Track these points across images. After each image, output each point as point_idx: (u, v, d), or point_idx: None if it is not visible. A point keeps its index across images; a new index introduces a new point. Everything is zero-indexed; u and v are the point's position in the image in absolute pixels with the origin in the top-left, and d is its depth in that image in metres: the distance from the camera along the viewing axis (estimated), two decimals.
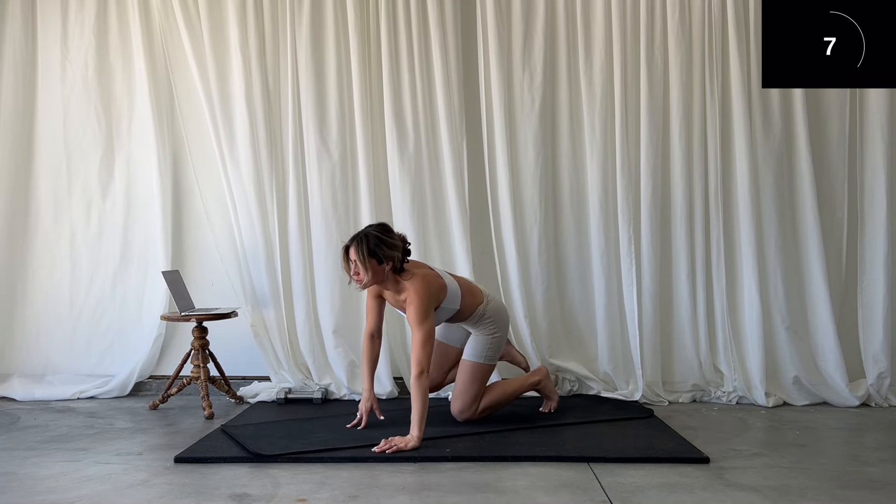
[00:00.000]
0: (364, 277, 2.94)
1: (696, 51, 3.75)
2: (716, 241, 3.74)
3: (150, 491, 2.41)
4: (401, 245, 2.99)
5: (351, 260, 2.95)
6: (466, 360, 3.19)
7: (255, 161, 3.81)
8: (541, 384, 3.41)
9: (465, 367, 3.19)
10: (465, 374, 3.18)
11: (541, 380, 3.40)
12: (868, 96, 3.75)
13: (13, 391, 3.86)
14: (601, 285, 3.78)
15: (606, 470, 2.60)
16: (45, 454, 2.86)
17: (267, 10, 3.83)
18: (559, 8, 3.81)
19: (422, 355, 2.86)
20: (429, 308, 2.94)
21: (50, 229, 3.99)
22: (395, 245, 2.96)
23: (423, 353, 2.87)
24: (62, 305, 3.99)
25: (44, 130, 3.99)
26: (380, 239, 2.93)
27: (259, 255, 3.82)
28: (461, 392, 3.18)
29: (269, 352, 3.83)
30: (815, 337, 3.74)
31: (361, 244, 2.92)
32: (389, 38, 3.77)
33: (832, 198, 3.82)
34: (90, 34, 3.92)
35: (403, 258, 3.00)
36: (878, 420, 3.40)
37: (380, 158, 3.86)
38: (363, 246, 2.92)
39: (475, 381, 3.17)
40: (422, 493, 2.37)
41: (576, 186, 3.86)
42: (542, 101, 3.80)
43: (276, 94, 3.87)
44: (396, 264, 2.96)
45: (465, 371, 3.18)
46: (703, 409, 3.59)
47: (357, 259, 2.91)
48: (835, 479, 2.51)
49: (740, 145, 3.70)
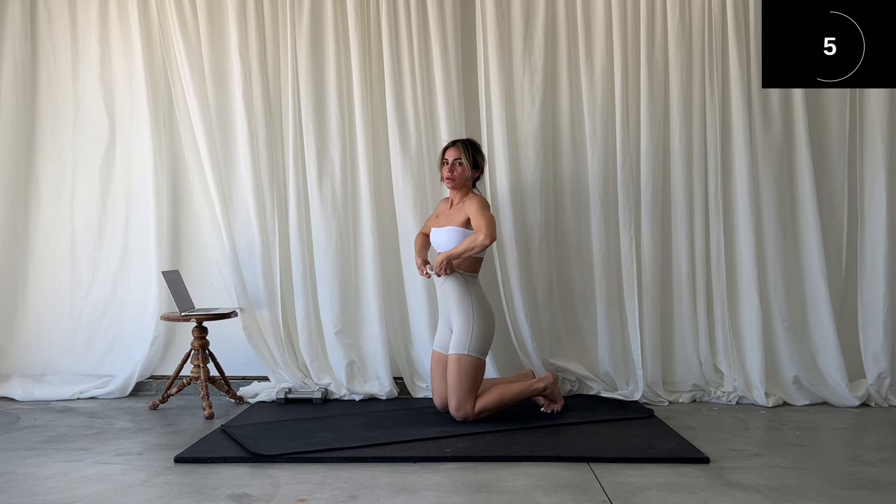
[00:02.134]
0: (463, 172, 3.31)
1: (696, 51, 3.76)
2: (716, 241, 3.74)
3: (150, 491, 2.41)
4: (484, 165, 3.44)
5: (452, 160, 3.33)
6: (451, 355, 3.17)
7: (255, 161, 3.81)
8: (547, 391, 3.37)
9: (451, 361, 3.17)
10: (452, 368, 3.15)
11: (546, 386, 3.36)
12: (868, 96, 3.75)
13: (13, 391, 3.86)
14: (601, 285, 3.78)
15: (606, 470, 2.60)
16: (45, 454, 2.86)
17: (267, 11, 3.84)
18: (559, 8, 3.81)
19: (489, 231, 3.14)
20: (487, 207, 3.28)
21: (50, 229, 3.99)
22: (484, 159, 3.44)
23: (489, 230, 3.15)
24: (62, 305, 3.99)
25: (44, 131, 3.99)
26: (478, 148, 3.42)
27: (256, 256, 3.82)
28: (453, 388, 3.15)
29: (265, 352, 3.83)
30: (815, 337, 3.74)
31: (468, 146, 3.36)
32: (390, 39, 3.77)
33: (832, 198, 3.82)
34: (90, 34, 3.92)
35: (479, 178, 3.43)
36: (878, 420, 3.40)
37: (380, 158, 3.86)
38: (469, 147, 3.36)
39: (463, 374, 3.13)
40: (422, 493, 2.37)
41: (576, 186, 3.86)
42: (543, 101, 3.80)
43: (276, 95, 3.88)
44: (479, 176, 3.42)
45: (452, 365, 3.16)
46: (703, 409, 3.59)
47: (463, 156, 3.32)
48: (835, 479, 2.51)
49: (740, 145, 3.70)
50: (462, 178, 3.33)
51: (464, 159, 3.31)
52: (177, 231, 4.05)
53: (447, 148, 3.38)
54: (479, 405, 3.17)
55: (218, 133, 3.83)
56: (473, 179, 3.39)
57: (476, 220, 3.21)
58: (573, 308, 3.89)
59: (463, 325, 3.19)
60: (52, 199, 3.99)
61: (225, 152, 3.85)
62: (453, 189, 3.37)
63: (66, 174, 3.98)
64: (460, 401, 3.15)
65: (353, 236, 3.82)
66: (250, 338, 3.81)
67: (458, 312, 3.22)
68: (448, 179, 3.34)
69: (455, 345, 3.17)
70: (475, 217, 3.22)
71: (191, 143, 3.86)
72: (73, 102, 3.96)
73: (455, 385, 3.15)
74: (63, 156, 3.98)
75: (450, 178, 3.33)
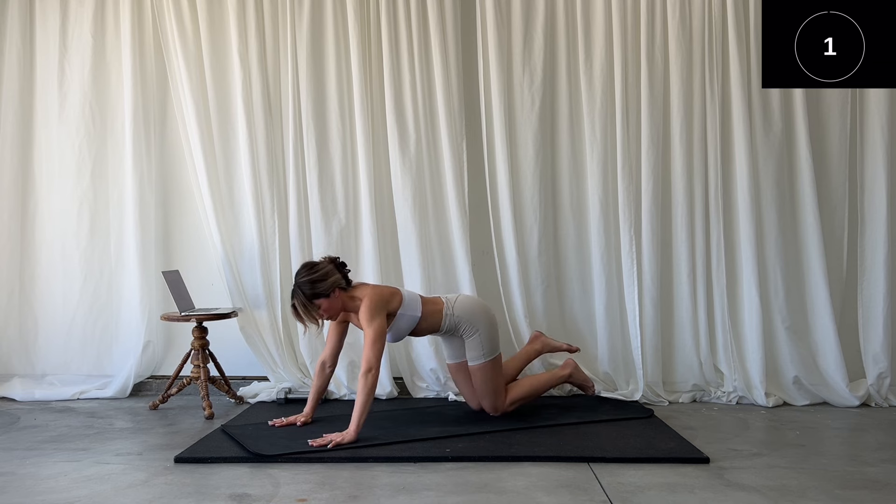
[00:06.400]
0: (325, 314, 3.03)
1: (696, 51, 3.75)
2: (716, 241, 3.74)
3: (150, 491, 2.41)
4: (332, 267, 3.06)
5: (302, 315, 3.02)
6: (472, 365, 3.25)
7: (254, 161, 3.81)
8: (572, 377, 3.48)
9: (473, 371, 3.26)
10: (477, 377, 3.25)
11: (571, 373, 3.48)
12: (868, 96, 3.74)
13: (13, 391, 3.86)
14: (601, 285, 3.78)
15: (606, 470, 2.60)
16: (45, 454, 2.85)
17: (267, 11, 3.84)
18: (559, 8, 3.81)
19: (371, 354, 2.92)
20: (377, 308, 3.01)
21: (49, 230, 3.99)
22: (327, 273, 3.02)
23: (371, 351, 2.92)
24: (62, 306, 3.98)
25: (42, 131, 3.98)
26: (311, 281, 3.00)
27: (255, 256, 3.82)
28: (485, 393, 3.25)
29: (264, 352, 3.83)
30: (815, 337, 3.74)
31: (299, 296, 3.00)
32: (390, 39, 3.77)
33: (832, 198, 3.82)
34: (87, 34, 3.91)
35: (344, 274, 3.09)
36: (878, 420, 3.40)
37: (380, 159, 3.86)
38: (301, 297, 3.00)
39: (488, 379, 3.23)
40: (422, 493, 2.37)
41: (576, 186, 3.86)
42: (542, 102, 3.80)
43: (275, 95, 3.87)
44: (341, 283, 3.05)
45: (475, 375, 3.25)
46: (703, 409, 3.59)
47: (303, 311, 3.00)
48: (835, 479, 2.51)
49: (740, 145, 3.70)
50: (333, 313, 3.06)
51: (311, 313, 3.00)
52: (177, 231, 4.05)
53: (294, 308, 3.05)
54: (511, 398, 3.30)
55: (217, 133, 3.83)
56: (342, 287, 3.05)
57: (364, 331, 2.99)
58: (573, 308, 3.88)
59: (472, 340, 3.22)
60: (51, 199, 3.98)
61: (224, 152, 3.85)
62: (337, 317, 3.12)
63: (66, 174, 3.97)
64: (493, 402, 3.26)
65: (353, 236, 3.82)
66: (248, 338, 3.81)
67: (465, 333, 3.24)
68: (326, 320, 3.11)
69: (472, 357, 3.23)
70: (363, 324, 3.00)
71: (189, 143, 3.85)
72: (70, 103, 3.94)
73: (485, 390, 3.25)
74: (61, 156, 3.97)
75: (325, 319, 3.08)
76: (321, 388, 3.26)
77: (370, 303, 3.00)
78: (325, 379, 3.26)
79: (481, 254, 3.90)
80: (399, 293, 3.16)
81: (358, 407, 2.87)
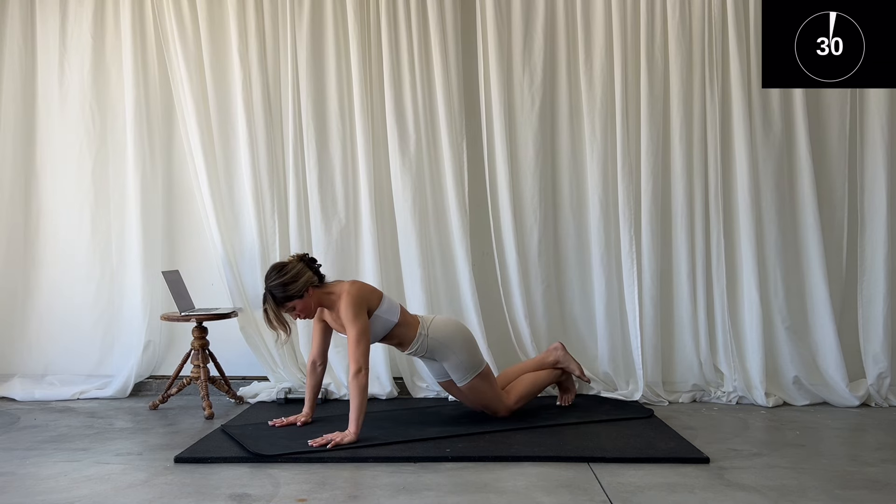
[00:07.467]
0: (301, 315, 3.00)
1: (696, 51, 3.75)
2: (716, 241, 3.74)
3: (150, 491, 2.41)
4: (302, 265, 3.00)
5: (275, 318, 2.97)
6: (460, 386, 3.21)
7: (254, 161, 3.81)
8: (560, 362, 3.47)
9: (464, 392, 3.23)
10: (468, 395, 3.23)
11: (557, 359, 3.47)
12: (868, 96, 3.74)
13: (13, 391, 3.86)
14: (601, 285, 3.78)
15: (606, 470, 2.59)
16: (45, 454, 2.85)
17: (267, 11, 3.84)
18: (559, 8, 3.81)
19: (357, 353, 2.88)
20: (359, 306, 2.95)
21: (50, 230, 3.99)
22: (298, 273, 2.96)
23: (358, 350, 2.89)
24: (62, 306, 3.98)
25: (43, 131, 3.99)
26: (282, 284, 2.93)
27: (255, 256, 3.82)
28: (483, 405, 3.25)
29: (264, 352, 3.83)
30: (815, 337, 3.74)
31: (270, 302, 2.95)
32: (390, 39, 3.77)
33: (832, 198, 3.82)
34: (87, 34, 3.92)
35: (315, 270, 3.03)
36: (878, 420, 3.40)
37: (380, 159, 3.86)
38: (272, 302, 2.94)
39: (481, 392, 3.21)
40: (422, 493, 2.37)
41: (576, 186, 3.86)
42: (542, 102, 3.80)
43: (275, 95, 3.87)
44: (313, 281, 2.99)
45: (467, 393, 3.23)
46: (703, 409, 3.59)
47: (274, 318, 2.96)
48: (835, 479, 2.51)
49: (740, 145, 3.70)
50: (308, 313, 3.02)
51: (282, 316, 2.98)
52: (177, 231, 4.05)
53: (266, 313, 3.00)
54: (514, 396, 3.29)
55: (217, 133, 3.83)
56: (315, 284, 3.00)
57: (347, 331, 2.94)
58: (573, 308, 3.89)
59: (453, 363, 3.16)
60: (52, 199, 3.99)
61: (225, 152, 3.85)
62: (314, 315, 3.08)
63: (66, 174, 3.97)
64: (495, 408, 3.24)
65: (353, 237, 3.82)
66: (248, 338, 3.81)
67: (441, 357, 3.17)
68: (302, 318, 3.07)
69: (458, 378, 3.19)
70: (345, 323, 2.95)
71: (189, 143, 3.85)
72: (70, 103, 3.94)
73: (483, 402, 3.24)
74: (62, 156, 3.97)
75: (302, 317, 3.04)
76: (316, 387, 3.25)
77: (351, 300, 2.94)
78: (318, 377, 3.24)
79: (481, 254, 3.90)
80: (379, 291, 3.13)
81: (354, 408, 2.86)
